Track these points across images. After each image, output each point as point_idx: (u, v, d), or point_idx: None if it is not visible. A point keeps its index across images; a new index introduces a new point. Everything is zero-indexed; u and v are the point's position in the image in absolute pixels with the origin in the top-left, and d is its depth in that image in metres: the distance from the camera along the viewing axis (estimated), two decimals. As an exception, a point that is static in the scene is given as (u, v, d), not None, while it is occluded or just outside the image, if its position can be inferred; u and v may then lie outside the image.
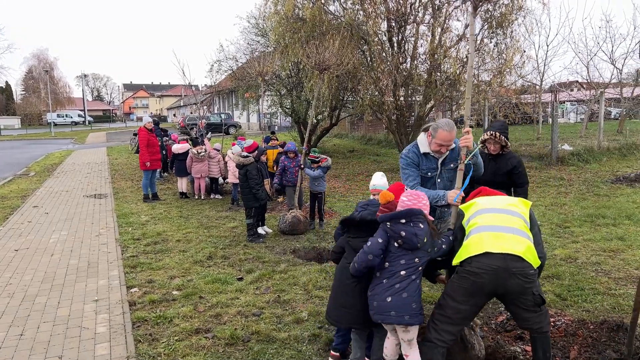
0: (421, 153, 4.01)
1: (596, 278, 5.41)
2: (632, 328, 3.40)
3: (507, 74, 13.75)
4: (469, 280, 3.08)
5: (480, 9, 3.54)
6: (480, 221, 3.24)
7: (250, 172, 7.50)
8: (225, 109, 44.83)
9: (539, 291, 3.12)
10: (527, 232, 3.16)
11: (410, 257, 3.22)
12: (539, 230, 3.35)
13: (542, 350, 3.20)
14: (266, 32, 18.33)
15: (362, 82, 13.75)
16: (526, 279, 3.00)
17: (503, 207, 3.31)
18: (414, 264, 3.21)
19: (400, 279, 3.20)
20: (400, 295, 3.16)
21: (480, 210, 3.32)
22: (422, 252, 3.25)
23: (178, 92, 73.43)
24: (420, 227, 3.22)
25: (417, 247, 3.19)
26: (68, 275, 6.02)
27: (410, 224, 3.20)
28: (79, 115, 69.85)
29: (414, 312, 3.16)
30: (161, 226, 8.49)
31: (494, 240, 3.07)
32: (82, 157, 21.58)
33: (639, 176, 11.13)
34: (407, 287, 3.18)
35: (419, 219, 3.23)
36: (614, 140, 16.24)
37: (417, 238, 3.17)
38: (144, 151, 10.78)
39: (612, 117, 28.74)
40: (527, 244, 3.07)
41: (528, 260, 3.01)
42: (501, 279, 2.99)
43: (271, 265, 6.25)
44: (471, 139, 3.67)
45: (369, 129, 25.40)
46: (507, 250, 3.01)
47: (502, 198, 3.48)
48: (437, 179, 4.03)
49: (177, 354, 4.00)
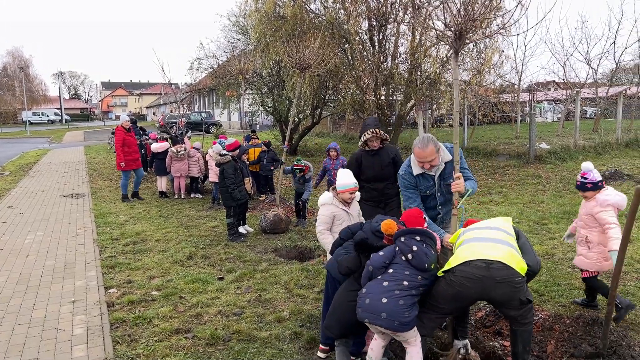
0: (417, 175, 3.98)
1: (572, 274, 5.52)
2: (607, 322, 3.47)
3: (486, 74, 13.92)
4: (454, 288, 3.13)
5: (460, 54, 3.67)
6: (464, 238, 3.39)
7: (227, 172, 7.45)
8: (205, 108, 44.43)
9: (526, 295, 3.13)
10: (509, 242, 3.25)
11: (415, 273, 3.21)
12: (527, 240, 3.42)
13: (522, 344, 3.25)
14: (247, 30, 18.21)
15: (343, 81, 13.78)
16: (513, 287, 3.03)
17: (485, 225, 3.48)
18: (417, 280, 3.20)
19: (401, 287, 3.16)
20: (397, 301, 3.09)
21: (464, 231, 3.51)
22: (427, 275, 3.23)
23: (158, 90, 72.53)
24: (431, 250, 3.27)
25: (425, 268, 3.20)
26: (44, 277, 5.90)
27: (424, 244, 3.26)
28: (56, 113, 68.41)
29: (406, 320, 3.09)
30: (140, 226, 8.38)
31: (471, 249, 3.19)
32: (58, 156, 21.15)
33: (614, 174, 11.38)
34: (405, 296, 3.13)
35: (431, 243, 3.31)
36: (589, 139, 16.58)
37: (427, 258, 3.21)
38: (119, 151, 10.51)
39: (587, 116, 29.32)
40: (507, 251, 3.13)
41: (511, 266, 3.04)
42: (487, 287, 3.04)
43: (252, 265, 6.22)
44: (462, 184, 3.71)
45: (351, 128, 25.45)
46: (486, 257, 3.07)
47: (484, 221, 3.63)
48: (437, 193, 4.03)
49: (157, 355, 3.95)
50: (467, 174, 3.96)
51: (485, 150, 15.90)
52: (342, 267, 3.59)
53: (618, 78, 26.90)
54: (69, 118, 67.78)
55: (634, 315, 4.40)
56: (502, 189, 10.84)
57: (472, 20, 3.45)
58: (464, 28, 3.48)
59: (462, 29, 3.48)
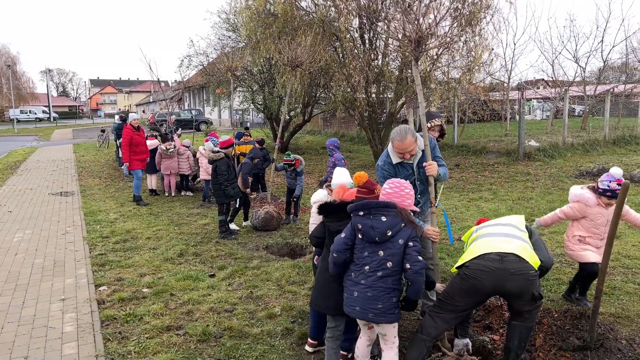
0: (395, 164, 4.03)
1: (560, 269, 5.59)
2: (594, 316, 3.52)
3: (476, 72, 13.97)
4: (469, 282, 3.17)
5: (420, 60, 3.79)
6: (477, 235, 3.46)
7: (220, 168, 7.44)
8: (195, 105, 44.25)
9: (539, 290, 3.18)
10: (522, 237, 3.32)
11: (374, 250, 3.08)
12: (539, 237, 3.49)
13: (518, 339, 3.29)
14: (237, 27, 18.15)
15: (334, 79, 13.78)
16: (526, 280, 3.08)
17: (498, 222, 3.57)
18: (378, 258, 3.07)
19: (365, 275, 3.10)
20: (365, 293, 3.08)
21: (477, 228, 3.61)
22: (389, 246, 3.06)
23: (147, 88, 72.08)
24: (381, 220, 3.06)
25: (376, 240, 3.05)
26: (33, 275, 5.85)
27: (370, 216, 3.08)
28: (44, 111, 67.67)
29: (379, 311, 3.05)
30: (130, 224, 8.33)
31: (486, 243, 3.26)
32: (47, 154, 20.95)
33: (601, 171, 11.51)
34: (372, 284, 3.06)
35: (381, 211, 3.08)
36: (577, 137, 16.75)
37: (374, 231, 3.04)
38: (125, 150, 10.08)
39: (576, 114, 29.62)
40: (520, 245, 3.19)
41: (525, 259, 3.09)
42: (500, 280, 3.09)
43: (244, 262, 6.22)
44: (435, 167, 3.77)
45: (342, 126, 25.51)
46: (500, 250, 3.14)
47: (497, 219, 3.69)
48: (417, 182, 4.07)
49: (148, 352, 3.95)
50: (440, 161, 4.07)
51: (475, 147, 16.00)
52: (312, 238, 3.70)
53: (606, 76, 27.18)
54: (57, 116, 67.13)
55: (620, 309, 4.47)
56: (491, 186, 10.93)
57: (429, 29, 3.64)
58: (421, 37, 3.63)
59: (420, 37, 3.63)
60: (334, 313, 3.47)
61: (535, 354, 3.62)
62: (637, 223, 4.40)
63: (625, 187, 3.29)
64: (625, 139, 16.30)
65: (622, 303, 4.63)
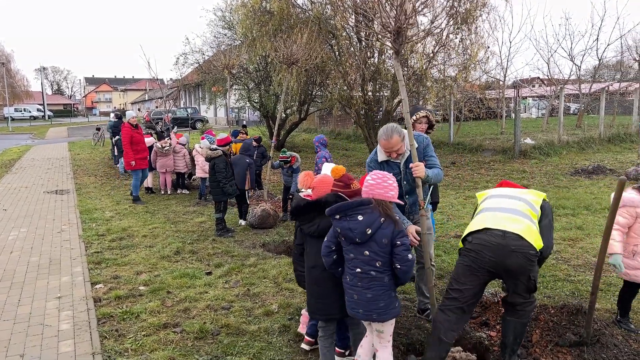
0: (382, 161, 4.00)
1: (556, 265, 5.61)
2: (590, 312, 3.54)
3: (472, 70, 13.99)
4: (470, 257, 3.22)
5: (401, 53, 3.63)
6: (486, 205, 3.42)
7: (218, 166, 7.43)
8: (191, 103, 44.12)
9: (535, 277, 3.18)
10: (530, 216, 3.24)
11: (359, 251, 3.00)
12: (551, 223, 3.39)
13: (513, 335, 3.30)
14: (233, 25, 18.10)
15: (330, 77, 13.76)
16: (526, 258, 3.07)
17: (511, 194, 3.47)
18: (365, 258, 2.99)
19: (359, 277, 3.03)
20: (365, 295, 3.03)
21: (489, 196, 3.53)
22: (373, 245, 2.96)
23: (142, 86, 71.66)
24: (357, 219, 2.96)
25: (357, 241, 2.97)
26: (29, 273, 5.82)
27: (346, 218, 2.99)
28: (38, 109, 67.30)
29: (381, 310, 3.02)
30: (126, 222, 8.30)
31: (493, 218, 3.25)
32: (42, 153, 20.84)
33: (596, 168, 11.57)
34: (369, 285, 3.01)
35: (356, 211, 2.99)
36: (573, 134, 16.82)
37: (352, 232, 2.96)
38: (127, 149, 9.81)
39: (571, 112, 29.74)
40: (527, 225, 3.15)
41: (527, 240, 3.08)
42: (501, 255, 3.10)
43: (240, 259, 6.21)
44: (422, 169, 3.66)
45: (338, 124, 25.50)
46: (505, 228, 3.13)
47: (515, 189, 3.60)
48: (403, 182, 4.02)
49: (145, 349, 3.94)
50: (433, 161, 3.99)
51: (471, 145, 16.04)
52: (295, 247, 3.69)
53: (601, 75, 27.30)
54: (51, 114, 66.76)
55: (616, 306, 4.49)
56: (487, 183, 10.95)
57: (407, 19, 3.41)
58: (400, 27, 3.43)
59: (400, 27, 3.43)
60: (325, 319, 3.45)
61: (532, 350, 3.64)
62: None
63: (622, 184, 3.30)
64: (620, 136, 16.39)
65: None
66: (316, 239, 3.33)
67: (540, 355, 3.57)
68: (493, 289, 4.74)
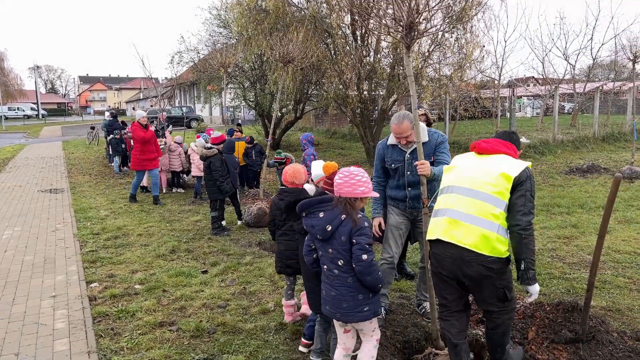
0: (388, 144, 4.06)
1: (552, 263, 5.64)
2: (586, 309, 3.55)
3: (467, 69, 14.03)
4: (435, 265, 3.16)
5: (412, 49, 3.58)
6: (443, 202, 3.13)
7: (214, 164, 7.41)
8: (186, 102, 43.99)
9: (505, 286, 2.99)
10: (488, 220, 2.89)
11: (324, 249, 3.01)
12: (528, 194, 2.90)
13: (493, 344, 3.20)
14: (228, 23, 18.06)
15: (326, 75, 13.75)
16: (485, 267, 2.88)
17: (475, 182, 3.00)
18: (329, 256, 2.98)
19: (326, 274, 3.04)
20: (330, 292, 3.02)
21: (450, 187, 3.15)
22: (334, 243, 2.94)
23: (137, 84, 71.40)
24: (318, 216, 2.98)
25: (318, 237, 3.00)
26: (23, 272, 5.79)
27: (311, 215, 3.03)
28: (32, 108, 66.89)
29: (344, 310, 2.95)
30: (121, 220, 8.27)
31: (444, 226, 3.03)
32: (36, 151, 20.72)
33: (591, 167, 11.63)
34: (333, 283, 2.99)
35: (317, 208, 3.01)
36: (567, 134, 16.90)
37: (314, 229, 2.99)
38: (137, 149, 9.55)
39: (565, 111, 29.88)
40: (480, 235, 2.88)
41: (481, 252, 2.88)
42: (458, 266, 2.96)
43: (236, 258, 6.20)
44: (428, 168, 3.58)
45: (334, 123, 25.48)
46: (455, 242, 2.95)
47: (484, 162, 3.09)
48: (407, 172, 4.01)
49: (141, 348, 3.92)
50: (443, 158, 3.94)
51: (466, 144, 16.05)
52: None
53: (595, 74, 27.43)
54: (45, 113, 66.40)
55: (611, 303, 4.52)
56: (483, 182, 10.98)
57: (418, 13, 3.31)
58: (413, 22, 3.34)
59: (412, 22, 3.33)
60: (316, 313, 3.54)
61: (528, 347, 3.65)
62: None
63: (617, 182, 3.31)
64: (614, 135, 16.48)
65: (612, 296, 4.68)
66: (304, 236, 3.36)
67: (536, 352, 3.58)
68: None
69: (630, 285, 4.94)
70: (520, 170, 2.92)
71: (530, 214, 2.90)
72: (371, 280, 2.90)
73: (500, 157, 3.08)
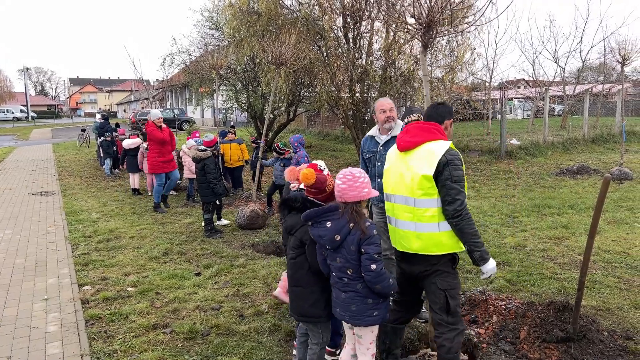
0: (367, 136, 4.18)
1: (543, 264, 5.69)
2: (577, 308, 3.60)
3: (458, 71, 14.11)
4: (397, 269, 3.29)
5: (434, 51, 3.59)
6: (389, 210, 3.24)
7: (208, 167, 7.40)
8: (178, 104, 43.82)
9: (447, 290, 2.97)
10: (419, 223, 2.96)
11: (333, 258, 2.94)
12: (448, 182, 2.88)
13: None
14: (220, 25, 18.03)
15: (318, 78, 13.76)
16: (427, 262, 2.99)
17: (406, 193, 3.02)
18: (338, 265, 2.92)
19: (335, 280, 2.99)
20: (340, 295, 2.98)
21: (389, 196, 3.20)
22: (343, 252, 2.87)
23: (128, 86, 71.05)
24: (326, 226, 2.89)
25: (327, 247, 2.92)
26: (14, 275, 5.74)
27: (317, 225, 2.95)
28: (22, 110, 66.32)
29: (353, 313, 2.92)
30: (113, 223, 8.23)
31: (396, 235, 3.17)
32: (25, 154, 20.55)
33: (581, 168, 11.75)
34: (343, 288, 2.95)
35: (323, 217, 2.92)
36: (558, 135, 17.05)
37: (322, 239, 2.91)
38: (154, 150, 9.05)
39: (556, 113, 30.13)
40: (426, 237, 2.95)
41: (429, 253, 2.97)
42: (408, 264, 3.12)
43: (230, 260, 6.19)
44: None
45: (326, 125, 25.52)
46: (404, 249, 3.08)
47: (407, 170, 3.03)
48: (377, 162, 4.12)
49: (134, 350, 3.91)
50: None
51: (457, 146, 15.84)
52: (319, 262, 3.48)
53: (584, 76, 27.71)
54: (35, 115, 65.83)
55: (601, 302, 4.58)
56: (474, 184, 11.06)
57: (441, 12, 3.30)
58: (432, 20, 3.31)
59: (431, 20, 3.31)
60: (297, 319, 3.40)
61: (520, 346, 3.68)
62: None
63: (607, 182, 3.36)
64: (604, 137, 16.65)
65: (603, 296, 4.74)
66: (290, 236, 3.31)
67: (528, 351, 3.62)
68: (482, 287, 4.80)
69: (620, 284, 5.01)
70: (436, 163, 2.89)
71: (454, 201, 2.86)
72: (381, 289, 2.86)
73: (422, 150, 3.00)
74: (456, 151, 2.98)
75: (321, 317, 3.22)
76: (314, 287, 3.19)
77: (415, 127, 3.09)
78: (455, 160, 2.91)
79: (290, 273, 3.30)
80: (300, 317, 3.28)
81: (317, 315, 3.20)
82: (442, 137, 3.04)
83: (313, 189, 3.16)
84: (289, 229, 3.28)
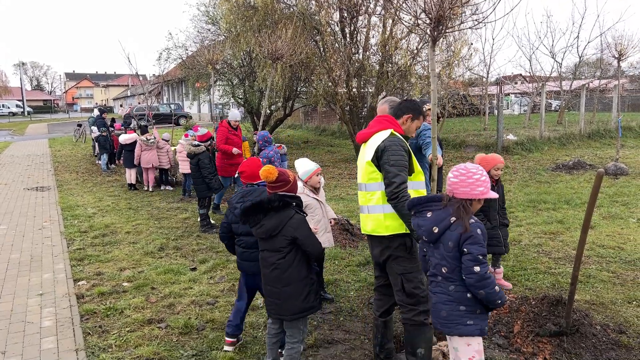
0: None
1: (538, 258, 5.71)
2: (570, 302, 3.61)
3: (455, 66, 14.11)
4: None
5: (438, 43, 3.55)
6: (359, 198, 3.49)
7: (203, 162, 7.39)
8: (174, 99, 43.64)
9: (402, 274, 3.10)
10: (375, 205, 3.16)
11: (432, 252, 2.71)
12: (386, 165, 3.02)
13: (409, 344, 3.21)
14: (217, 20, 17.95)
15: (315, 73, 13.75)
16: (380, 243, 3.20)
17: (360, 180, 3.31)
18: (434, 261, 2.69)
19: (429, 279, 2.77)
20: (430, 299, 2.78)
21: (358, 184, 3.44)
22: (440, 247, 2.63)
23: (125, 81, 70.80)
24: (426, 216, 2.68)
25: (423, 239, 2.72)
26: (9, 270, 5.73)
27: (418, 215, 2.74)
28: (17, 105, 66.08)
29: (444, 320, 2.65)
30: (109, 218, 8.22)
31: (362, 220, 3.38)
32: (21, 149, 20.47)
33: (577, 164, 11.78)
34: (434, 290, 2.72)
35: (425, 207, 2.71)
36: (554, 131, 17.07)
37: (420, 230, 2.70)
38: (223, 152, 8.41)
39: (552, 108, 30.15)
40: (374, 218, 3.18)
41: (379, 234, 3.18)
42: (371, 247, 3.37)
43: (225, 255, 6.19)
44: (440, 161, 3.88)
45: (323, 120, 25.48)
46: (365, 232, 3.34)
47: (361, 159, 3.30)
48: None
49: (129, 345, 3.91)
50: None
51: (454, 141, 16.17)
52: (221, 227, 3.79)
53: (581, 72, 27.73)
54: (31, 110, 65.59)
55: (595, 296, 4.60)
56: (471, 179, 11.06)
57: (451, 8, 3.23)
58: (442, 15, 3.21)
59: (441, 16, 3.21)
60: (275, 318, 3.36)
61: (513, 340, 3.70)
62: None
63: (600, 177, 3.37)
64: (600, 133, 16.67)
65: (596, 290, 4.76)
66: (266, 241, 3.21)
67: (521, 345, 3.64)
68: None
69: (614, 279, 5.03)
70: (373, 150, 3.11)
71: (390, 184, 3.02)
72: (486, 295, 2.54)
73: (371, 140, 3.23)
74: (397, 137, 3.14)
75: (314, 308, 3.26)
76: (303, 280, 3.20)
77: (373, 121, 3.34)
78: (393, 146, 3.07)
79: (277, 275, 3.18)
80: (293, 316, 3.20)
81: (309, 307, 3.21)
82: (391, 127, 3.20)
83: (277, 184, 3.23)
84: (271, 231, 3.16)
